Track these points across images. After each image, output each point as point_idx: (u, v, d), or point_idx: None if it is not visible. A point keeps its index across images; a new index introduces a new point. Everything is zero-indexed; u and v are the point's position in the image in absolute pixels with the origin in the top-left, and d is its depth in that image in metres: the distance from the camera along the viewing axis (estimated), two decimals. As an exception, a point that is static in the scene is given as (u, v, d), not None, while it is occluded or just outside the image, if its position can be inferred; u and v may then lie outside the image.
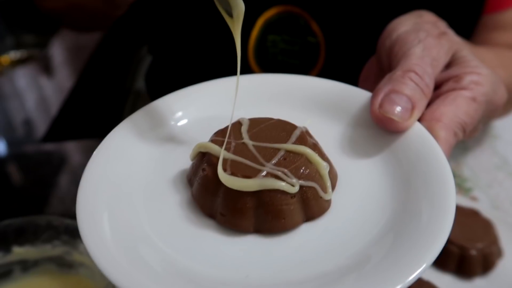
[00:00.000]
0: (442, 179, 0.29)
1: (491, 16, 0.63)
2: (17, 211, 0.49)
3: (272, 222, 0.29)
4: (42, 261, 0.48)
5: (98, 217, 0.29)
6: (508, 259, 0.50)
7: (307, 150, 0.30)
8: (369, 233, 0.29)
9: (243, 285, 0.27)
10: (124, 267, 0.26)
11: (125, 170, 0.33)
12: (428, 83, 0.34)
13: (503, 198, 0.60)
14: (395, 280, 0.24)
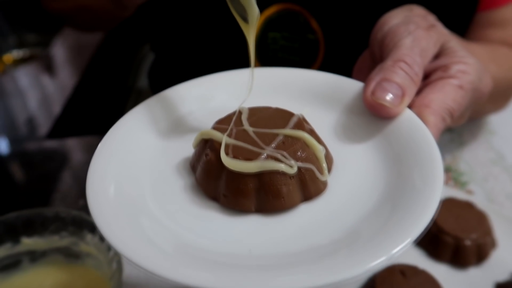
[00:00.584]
0: (431, 159, 0.31)
1: (485, 13, 0.64)
2: (20, 207, 0.50)
3: (272, 201, 0.31)
4: (49, 251, 0.50)
5: (105, 193, 0.31)
6: (502, 250, 0.51)
7: (305, 134, 0.32)
8: (362, 210, 0.30)
9: (247, 257, 0.28)
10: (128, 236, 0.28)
11: (131, 157, 0.34)
12: (417, 72, 0.36)
13: (498, 192, 0.61)
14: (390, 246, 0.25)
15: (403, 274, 0.45)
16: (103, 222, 0.28)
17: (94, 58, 1.17)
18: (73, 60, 1.17)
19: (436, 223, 0.51)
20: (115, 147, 0.35)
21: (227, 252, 0.28)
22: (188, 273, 0.25)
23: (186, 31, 0.73)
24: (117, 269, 0.42)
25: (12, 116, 0.95)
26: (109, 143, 0.35)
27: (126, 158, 0.34)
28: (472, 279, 0.49)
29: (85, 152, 0.76)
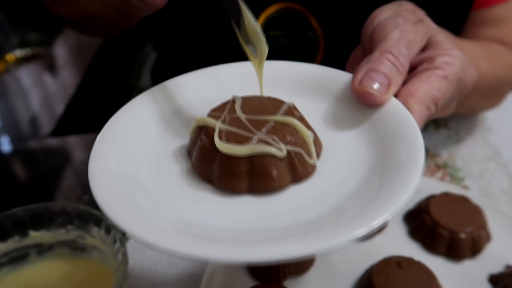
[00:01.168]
0: (415, 142, 0.32)
1: (480, 12, 0.66)
2: (25, 203, 0.51)
3: (263, 182, 0.32)
4: (56, 244, 0.51)
5: (106, 172, 0.33)
6: (496, 243, 0.52)
7: (294, 120, 0.34)
8: (348, 189, 0.32)
9: (239, 232, 0.30)
10: (126, 211, 0.29)
11: (131, 143, 0.36)
12: (403, 63, 0.37)
13: (493, 187, 0.63)
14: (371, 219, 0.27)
15: (399, 266, 0.47)
16: (103, 200, 0.30)
17: (96, 57, 1.18)
18: (75, 59, 1.18)
19: (432, 217, 0.52)
20: (117, 132, 0.37)
21: (221, 227, 0.30)
22: (182, 244, 0.27)
23: (188, 30, 0.74)
24: (122, 261, 0.43)
25: (15, 115, 0.96)
26: (112, 128, 0.37)
27: (126, 143, 0.36)
28: (467, 271, 0.50)
29: (88, 150, 0.77)
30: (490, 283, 0.49)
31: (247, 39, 0.36)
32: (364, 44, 0.43)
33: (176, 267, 0.54)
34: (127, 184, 0.33)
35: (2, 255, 0.49)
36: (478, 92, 0.61)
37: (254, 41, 0.36)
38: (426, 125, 0.73)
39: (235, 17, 0.36)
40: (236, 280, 0.50)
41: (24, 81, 1.10)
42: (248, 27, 0.36)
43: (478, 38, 0.65)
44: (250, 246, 0.27)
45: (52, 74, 1.13)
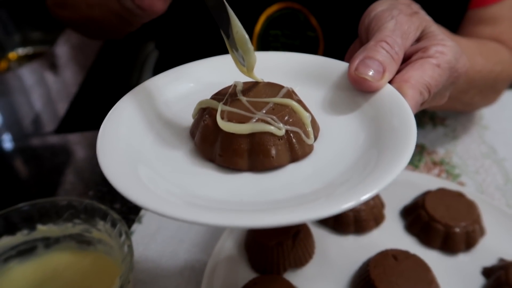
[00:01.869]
0: (407, 120, 0.34)
1: (476, 10, 0.67)
2: (32, 198, 0.53)
3: (262, 160, 0.34)
4: (63, 238, 0.52)
5: (113, 150, 0.34)
6: (490, 237, 0.54)
7: (292, 102, 0.36)
8: (342, 166, 0.34)
9: (238, 203, 0.32)
10: (133, 183, 0.31)
11: (138, 125, 0.38)
12: (397, 51, 0.39)
13: (488, 184, 0.64)
14: (360, 194, 0.28)
15: (395, 258, 0.48)
16: (111, 174, 0.31)
17: (99, 55, 1.19)
18: (77, 58, 1.19)
19: (428, 212, 0.53)
20: (124, 113, 0.38)
21: (221, 200, 0.32)
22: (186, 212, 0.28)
23: (190, 29, 0.76)
24: (128, 253, 0.45)
25: (19, 113, 0.97)
26: (119, 109, 0.38)
27: (133, 125, 0.38)
28: (461, 264, 0.52)
29: (92, 147, 0.79)
30: (483, 275, 0.50)
31: (235, 48, 0.37)
32: (361, 35, 0.45)
33: (179, 260, 0.56)
34: (133, 161, 0.34)
35: (10, 248, 0.51)
36: (473, 88, 0.62)
37: (241, 50, 0.37)
38: (423, 122, 0.75)
39: (224, 26, 0.37)
40: (237, 272, 0.52)
41: (26, 79, 1.11)
42: (235, 35, 0.36)
43: (475, 36, 0.67)
44: (247, 214, 0.29)
45: (55, 73, 1.14)
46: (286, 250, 0.50)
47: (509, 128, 0.75)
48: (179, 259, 0.56)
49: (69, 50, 1.23)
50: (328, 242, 0.55)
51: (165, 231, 0.60)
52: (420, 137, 0.73)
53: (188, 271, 0.54)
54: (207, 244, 0.57)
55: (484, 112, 0.77)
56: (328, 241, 0.55)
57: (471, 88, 0.62)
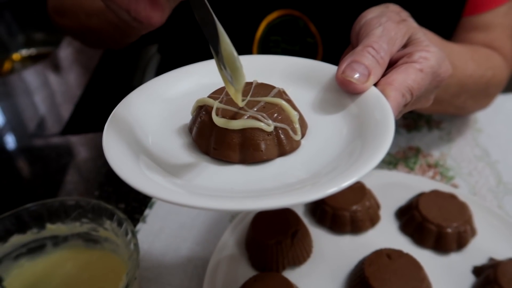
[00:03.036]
0: (387, 119, 0.36)
1: (470, 18, 0.69)
2: (39, 198, 0.55)
3: (252, 153, 0.37)
4: (71, 236, 0.54)
5: (119, 144, 0.37)
6: (481, 237, 0.56)
7: (282, 101, 0.38)
8: (328, 157, 0.36)
9: (228, 191, 0.34)
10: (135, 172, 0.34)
11: (141, 121, 0.41)
12: (383, 56, 0.41)
13: (481, 186, 0.66)
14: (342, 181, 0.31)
15: (389, 257, 0.50)
16: (117, 165, 0.34)
17: (102, 58, 1.21)
18: (81, 61, 1.21)
19: (421, 213, 0.56)
20: (129, 110, 0.41)
21: (213, 188, 0.35)
22: (180, 196, 0.31)
23: (192, 34, 0.77)
24: (134, 250, 0.47)
25: (24, 115, 0.98)
26: (124, 106, 0.41)
27: (136, 120, 0.40)
28: (453, 263, 0.54)
29: (97, 148, 0.81)
30: (474, 274, 0.52)
31: (224, 66, 0.37)
32: (353, 41, 0.47)
33: (183, 257, 0.58)
34: (136, 152, 0.37)
35: (21, 245, 0.53)
36: (465, 92, 0.65)
37: (229, 68, 0.37)
38: (419, 126, 0.77)
39: (213, 42, 0.37)
40: (238, 270, 0.54)
41: (31, 82, 1.12)
42: (224, 52, 0.36)
43: (468, 42, 0.69)
44: (237, 200, 0.32)
45: (59, 75, 1.16)
46: (285, 248, 0.52)
47: (503, 131, 0.77)
48: (182, 257, 0.58)
49: (72, 52, 1.24)
50: (325, 241, 0.57)
51: (169, 230, 0.62)
52: (416, 140, 0.75)
53: (191, 268, 0.57)
54: (209, 242, 0.59)
55: (479, 116, 0.80)
56: (325, 241, 0.57)
57: (463, 92, 0.64)
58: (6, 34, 1.62)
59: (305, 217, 0.60)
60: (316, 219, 0.59)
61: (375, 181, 0.63)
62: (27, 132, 0.90)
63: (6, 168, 0.80)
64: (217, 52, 0.37)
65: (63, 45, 1.27)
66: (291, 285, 0.49)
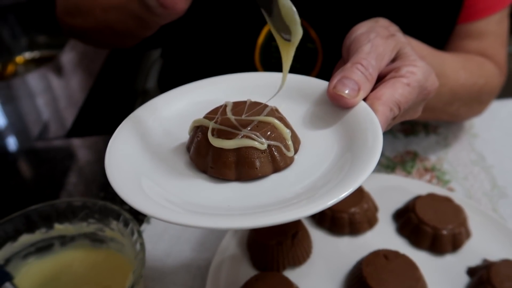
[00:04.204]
0: (375, 135, 0.38)
1: (464, 26, 0.71)
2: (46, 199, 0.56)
3: (248, 171, 0.38)
4: (78, 236, 0.56)
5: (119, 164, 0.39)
6: (475, 239, 0.58)
7: (274, 120, 0.40)
8: (321, 171, 0.38)
9: (226, 209, 0.36)
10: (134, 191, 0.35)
11: (140, 142, 0.42)
12: (371, 73, 0.43)
13: (476, 189, 0.68)
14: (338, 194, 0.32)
15: (386, 258, 0.52)
16: (120, 188, 0.35)
17: (105, 62, 1.22)
18: (84, 65, 1.22)
19: (418, 215, 0.57)
20: (128, 131, 0.43)
21: (210, 206, 0.36)
22: (179, 216, 0.33)
23: (195, 41, 0.79)
24: (140, 250, 0.48)
25: (28, 118, 0.99)
26: (124, 128, 0.43)
27: (135, 140, 0.42)
28: (448, 264, 0.56)
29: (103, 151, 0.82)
30: (468, 275, 0.54)
31: (278, 25, 0.39)
32: (344, 55, 0.49)
33: (186, 258, 0.60)
34: (138, 174, 0.39)
35: (30, 245, 0.55)
36: (458, 100, 0.66)
37: (288, 22, 0.38)
38: (417, 131, 0.79)
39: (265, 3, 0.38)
40: (240, 269, 0.55)
41: (34, 85, 1.14)
42: (282, 8, 0.37)
43: (462, 50, 0.71)
44: (233, 217, 0.33)
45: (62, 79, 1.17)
46: (286, 249, 0.54)
47: (498, 136, 0.79)
48: (185, 257, 0.60)
49: (75, 56, 1.25)
50: (325, 243, 0.59)
51: (172, 231, 0.64)
52: (413, 145, 0.77)
53: (194, 268, 0.58)
54: (212, 243, 0.61)
55: (475, 121, 0.81)
56: (324, 242, 0.59)
57: (456, 100, 0.66)
58: (9, 37, 1.63)
59: (305, 219, 0.62)
60: (316, 221, 0.61)
61: (374, 185, 0.65)
62: (32, 135, 0.91)
63: (13, 170, 0.82)
64: (270, 13, 0.38)
65: (67, 49, 1.28)
66: (291, 284, 0.50)
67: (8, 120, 0.99)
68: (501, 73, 0.74)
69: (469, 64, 0.67)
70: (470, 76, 0.65)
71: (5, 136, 0.92)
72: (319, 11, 0.71)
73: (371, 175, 0.36)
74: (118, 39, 0.74)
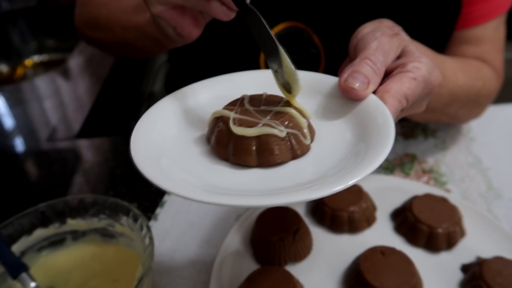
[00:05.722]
0: (387, 125, 0.40)
1: (462, 31, 0.74)
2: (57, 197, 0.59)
3: (268, 157, 0.41)
4: (89, 231, 0.59)
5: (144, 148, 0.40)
6: (469, 238, 0.60)
7: (291, 110, 0.43)
8: (334, 160, 0.40)
9: (250, 191, 0.38)
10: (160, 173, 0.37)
11: (162, 130, 0.45)
12: (379, 67, 0.45)
13: (472, 191, 0.70)
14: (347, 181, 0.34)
15: (382, 254, 0.54)
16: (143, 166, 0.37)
17: (113, 67, 1.24)
18: (92, 69, 1.23)
19: (414, 214, 0.60)
20: (152, 120, 0.45)
21: (237, 189, 0.39)
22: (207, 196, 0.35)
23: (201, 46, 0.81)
24: (149, 244, 0.51)
25: (40, 120, 1.02)
26: (149, 115, 0.45)
27: (158, 130, 0.44)
28: (443, 261, 0.58)
29: (112, 151, 0.85)
30: (462, 271, 0.56)
31: (283, 80, 0.43)
32: (350, 53, 0.52)
33: (192, 253, 0.62)
34: (159, 156, 0.41)
35: (44, 239, 0.57)
36: (457, 102, 0.69)
37: (290, 81, 0.43)
38: (416, 134, 0.82)
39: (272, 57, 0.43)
40: (243, 264, 0.58)
41: (44, 88, 1.15)
42: (285, 68, 0.43)
43: (460, 55, 0.73)
44: (259, 197, 0.36)
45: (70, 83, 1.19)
46: (287, 245, 0.57)
47: (495, 140, 0.81)
48: (191, 253, 0.62)
49: (84, 60, 1.27)
50: (325, 240, 0.61)
51: (179, 228, 0.66)
52: (412, 148, 0.80)
53: (199, 263, 0.61)
54: (216, 240, 0.64)
55: (472, 125, 0.84)
56: (324, 239, 0.61)
57: (455, 101, 0.69)
58: (19, 40, 1.67)
59: (306, 217, 0.65)
60: (316, 219, 0.64)
61: (373, 185, 0.67)
62: (41, 137, 0.94)
63: (27, 169, 0.85)
64: (276, 69, 0.43)
65: (75, 52, 1.31)
66: (292, 277, 0.53)
67: (17, 122, 1.02)
68: (498, 77, 0.76)
69: (467, 67, 0.69)
70: (469, 79, 0.68)
71: (15, 137, 0.95)
72: (322, 18, 0.74)
73: (370, 176, 0.38)
74: (134, 53, 0.78)
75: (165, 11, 0.46)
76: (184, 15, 0.46)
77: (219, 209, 0.69)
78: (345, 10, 0.73)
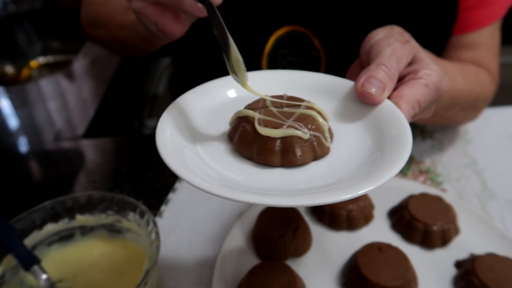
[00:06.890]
0: (404, 131, 0.41)
1: (458, 37, 0.76)
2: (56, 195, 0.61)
3: (292, 158, 0.42)
4: (97, 227, 0.61)
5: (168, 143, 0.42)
6: (463, 235, 0.62)
7: (313, 112, 0.44)
8: (352, 165, 0.42)
9: (276, 190, 0.39)
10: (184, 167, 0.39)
11: (185, 124, 0.46)
12: (393, 73, 0.47)
13: (467, 191, 0.73)
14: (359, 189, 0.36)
15: (379, 250, 0.57)
16: (171, 161, 0.39)
17: (118, 69, 1.26)
18: (98, 71, 1.24)
19: (410, 212, 0.62)
20: (175, 111, 0.47)
21: (262, 187, 0.40)
22: (226, 191, 0.36)
23: (204, 48, 0.83)
24: (156, 238, 0.53)
25: (45, 121, 1.03)
26: (172, 109, 0.47)
27: (183, 124, 0.46)
28: (437, 258, 0.60)
29: (118, 150, 0.88)
30: (456, 267, 0.59)
31: (232, 69, 0.45)
32: (362, 58, 0.54)
33: (195, 249, 0.64)
34: (185, 151, 0.42)
35: (53, 234, 0.60)
36: (456, 105, 0.71)
37: (236, 69, 0.45)
38: (414, 135, 0.84)
39: (225, 50, 0.45)
40: (245, 259, 0.60)
41: (49, 90, 1.17)
42: (233, 58, 0.44)
43: (456, 59, 0.75)
44: (280, 197, 0.37)
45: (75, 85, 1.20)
46: (287, 241, 0.59)
47: (490, 141, 0.83)
48: (195, 248, 0.64)
49: (89, 63, 1.29)
50: (324, 236, 0.63)
51: (183, 225, 0.68)
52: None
53: (203, 260, 0.63)
54: (220, 236, 0.66)
55: (469, 128, 0.86)
56: (323, 236, 0.63)
57: (454, 105, 0.71)
58: (25, 42, 1.69)
59: (306, 215, 0.67)
60: (316, 217, 0.66)
61: (370, 184, 0.69)
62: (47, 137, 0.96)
63: (35, 168, 0.87)
64: (228, 58, 0.44)
65: (80, 54, 1.32)
66: (292, 271, 0.55)
67: (23, 123, 1.04)
68: (494, 82, 0.79)
69: (466, 72, 0.71)
70: (468, 83, 0.70)
71: (22, 138, 0.98)
72: (323, 21, 0.76)
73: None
74: (130, 51, 0.82)
75: (144, 7, 0.47)
76: (165, 12, 0.48)
77: (222, 206, 0.71)
78: (345, 14, 0.75)
